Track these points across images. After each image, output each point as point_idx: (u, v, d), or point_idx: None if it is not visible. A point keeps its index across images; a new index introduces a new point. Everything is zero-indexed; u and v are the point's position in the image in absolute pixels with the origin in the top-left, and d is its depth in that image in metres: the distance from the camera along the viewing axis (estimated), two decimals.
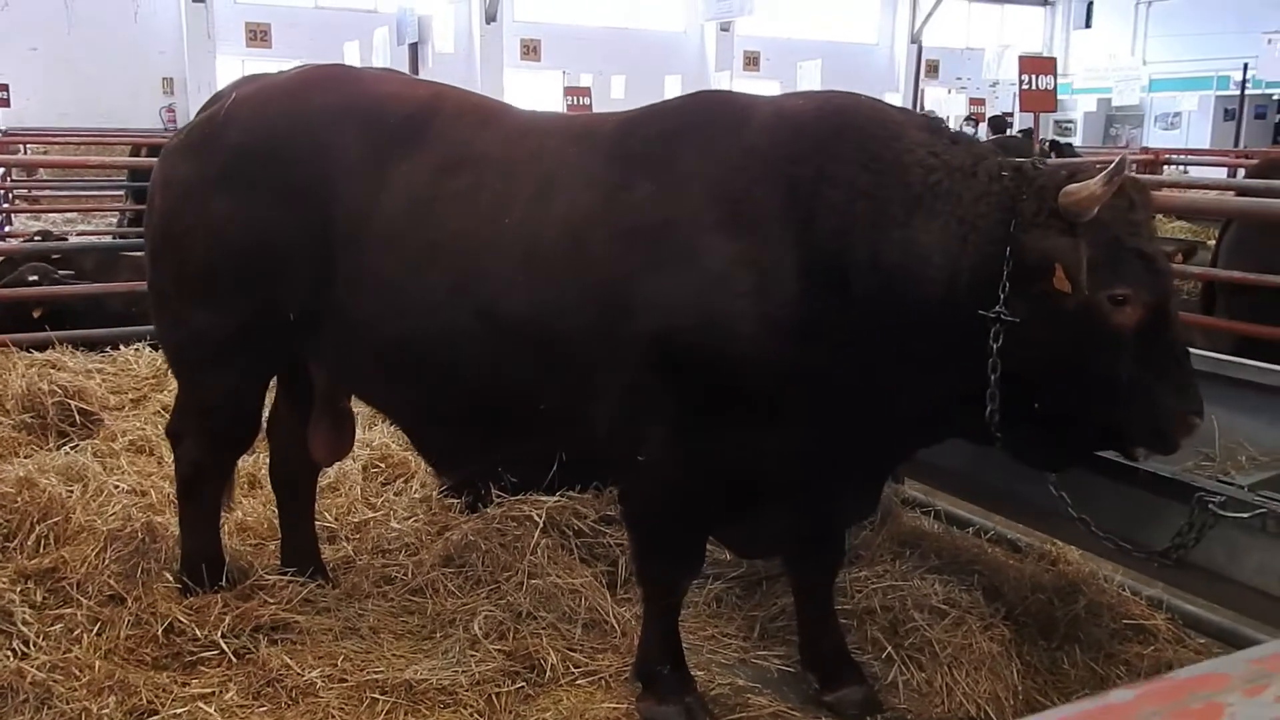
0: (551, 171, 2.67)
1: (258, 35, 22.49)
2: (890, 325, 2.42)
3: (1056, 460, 2.63)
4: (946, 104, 22.10)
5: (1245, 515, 2.42)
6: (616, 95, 18.49)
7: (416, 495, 4.34)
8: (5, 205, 12.19)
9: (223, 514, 3.59)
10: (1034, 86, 7.14)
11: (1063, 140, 14.07)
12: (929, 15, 29.69)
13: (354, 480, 4.47)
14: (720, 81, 20.04)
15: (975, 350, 2.35)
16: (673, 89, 17.24)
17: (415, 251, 2.72)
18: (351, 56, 11.70)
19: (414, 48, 9.11)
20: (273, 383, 3.50)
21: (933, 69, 30.22)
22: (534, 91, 23.93)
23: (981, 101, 18.47)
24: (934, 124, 2.54)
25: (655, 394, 2.57)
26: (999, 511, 3.73)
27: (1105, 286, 2.27)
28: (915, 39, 29.53)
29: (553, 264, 2.59)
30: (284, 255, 2.85)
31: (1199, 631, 3.27)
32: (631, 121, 2.75)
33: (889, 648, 3.20)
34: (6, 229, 11.49)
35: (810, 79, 14.29)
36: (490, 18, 24.95)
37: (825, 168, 2.45)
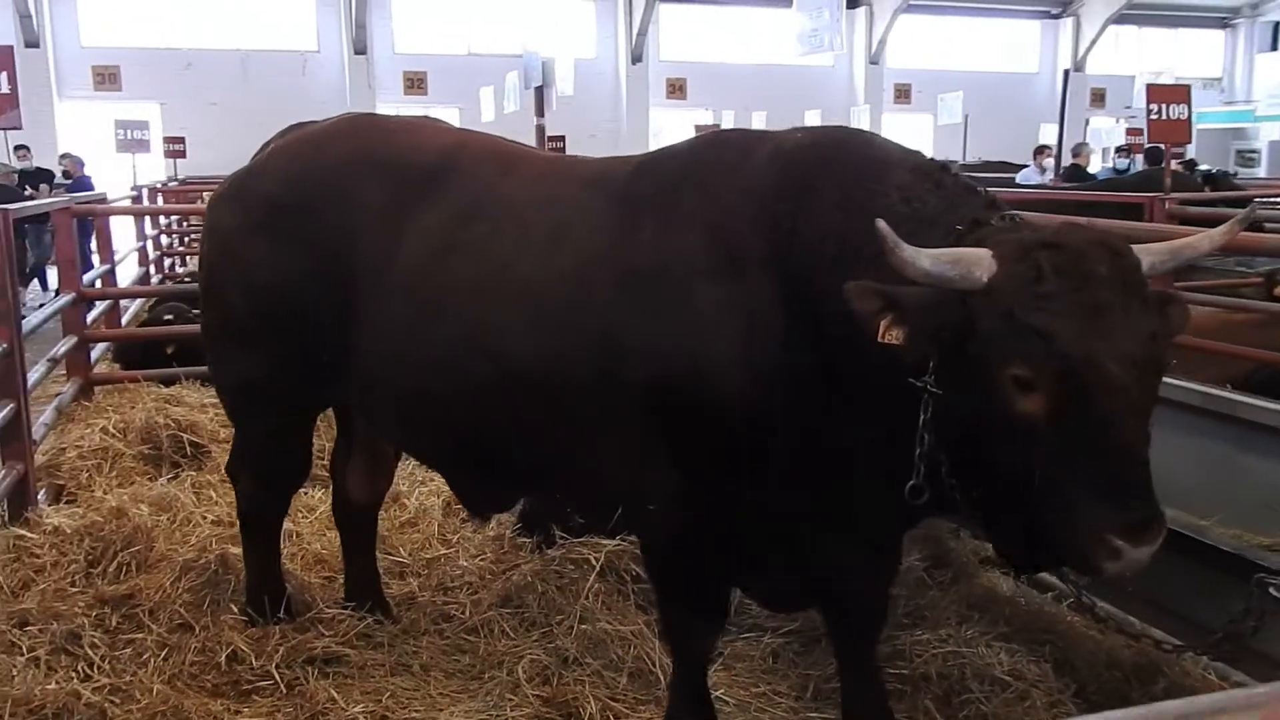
0: (564, 217, 2.66)
1: (415, 84, 23.81)
2: (860, 376, 2.26)
3: (1020, 561, 2.31)
4: (1109, 134, 20.97)
5: None
6: None
7: (490, 533, 4.38)
8: (181, 248, 13.27)
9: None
10: (1164, 116, 6.66)
11: (1216, 170, 13.01)
12: (1093, 42, 28.40)
13: (434, 516, 4.55)
14: (858, 115, 19.68)
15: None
16: (812, 123, 17.03)
17: (431, 299, 2.75)
18: (486, 102, 12.18)
19: (539, 90, 9.35)
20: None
21: (1099, 97, 28.80)
22: (679, 129, 24.24)
23: (1139, 131, 17.34)
24: (925, 166, 2.35)
25: (657, 441, 2.50)
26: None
27: (1003, 364, 1.96)
28: (1078, 67, 28.24)
29: (560, 308, 2.57)
30: (310, 302, 2.94)
31: None
32: (644, 165, 2.71)
33: None
34: (180, 269, 12.47)
35: (951, 111, 13.83)
36: (636, 58, 25.54)
37: (804, 203, 2.33)
